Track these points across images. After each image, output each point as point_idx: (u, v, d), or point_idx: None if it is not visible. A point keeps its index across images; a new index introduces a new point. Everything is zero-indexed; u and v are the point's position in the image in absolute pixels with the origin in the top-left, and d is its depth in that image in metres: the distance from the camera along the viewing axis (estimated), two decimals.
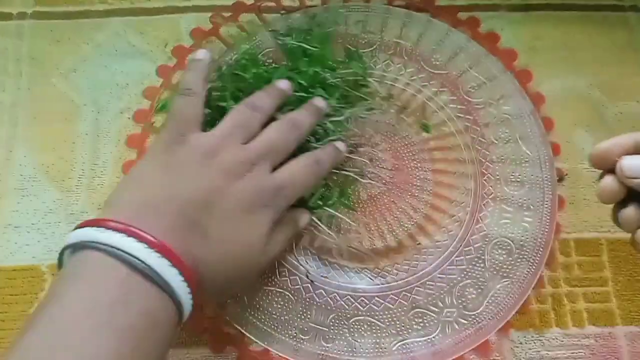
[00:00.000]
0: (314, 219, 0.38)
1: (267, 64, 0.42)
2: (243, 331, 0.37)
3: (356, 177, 0.40)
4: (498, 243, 0.40)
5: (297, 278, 0.39)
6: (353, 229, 0.41)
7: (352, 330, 0.38)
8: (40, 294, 0.39)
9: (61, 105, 0.45)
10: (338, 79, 0.40)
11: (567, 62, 0.47)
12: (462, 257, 0.40)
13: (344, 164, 0.40)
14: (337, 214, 0.38)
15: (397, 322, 0.38)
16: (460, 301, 0.38)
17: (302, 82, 0.38)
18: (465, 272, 0.39)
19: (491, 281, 0.39)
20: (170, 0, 0.49)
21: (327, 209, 0.38)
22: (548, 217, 0.41)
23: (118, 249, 0.25)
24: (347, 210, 0.40)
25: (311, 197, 0.37)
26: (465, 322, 0.38)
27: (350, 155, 0.41)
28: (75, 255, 0.26)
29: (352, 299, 0.39)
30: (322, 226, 0.38)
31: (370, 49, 0.46)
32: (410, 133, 0.44)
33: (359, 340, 0.37)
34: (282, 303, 0.38)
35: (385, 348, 0.37)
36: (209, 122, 0.34)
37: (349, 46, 0.44)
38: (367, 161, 0.42)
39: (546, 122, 0.44)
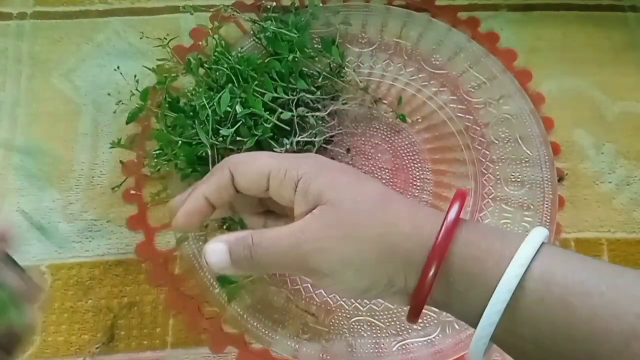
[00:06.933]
0: None
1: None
2: (243, 331, 0.37)
3: None
4: None
5: (297, 278, 0.39)
6: None
7: (352, 330, 0.38)
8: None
9: (61, 105, 0.45)
10: (318, 68, 0.40)
11: (567, 62, 0.47)
12: None
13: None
14: None
15: (397, 322, 0.38)
16: None
17: (281, 70, 0.38)
18: None
19: None
20: (170, 0, 0.49)
21: None
22: (548, 217, 0.41)
23: None
24: None
25: None
26: None
27: (326, 146, 0.41)
28: None
29: (352, 299, 0.39)
30: None
31: (370, 48, 0.46)
32: (410, 133, 0.44)
33: (359, 340, 0.37)
34: (282, 303, 0.38)
35: (385, 348, 0.37)
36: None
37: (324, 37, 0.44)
38: (344, 152, 0.42)
39: (546, 122, 0.44)
